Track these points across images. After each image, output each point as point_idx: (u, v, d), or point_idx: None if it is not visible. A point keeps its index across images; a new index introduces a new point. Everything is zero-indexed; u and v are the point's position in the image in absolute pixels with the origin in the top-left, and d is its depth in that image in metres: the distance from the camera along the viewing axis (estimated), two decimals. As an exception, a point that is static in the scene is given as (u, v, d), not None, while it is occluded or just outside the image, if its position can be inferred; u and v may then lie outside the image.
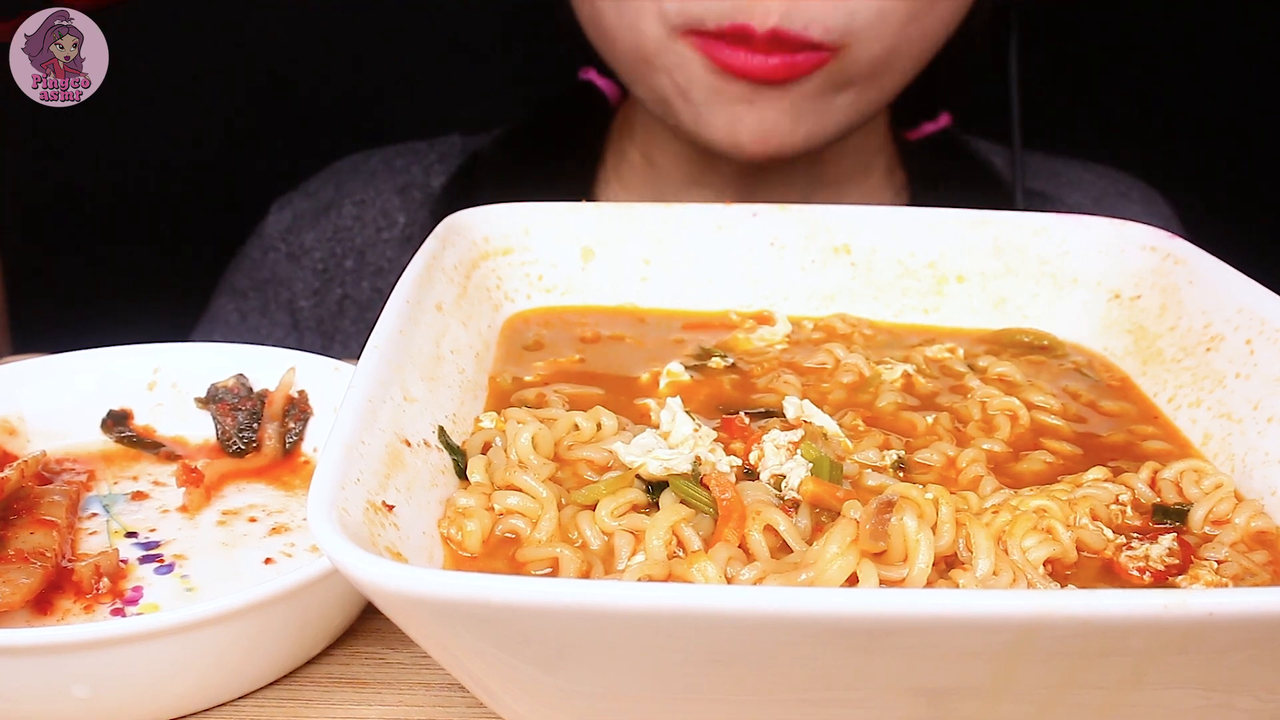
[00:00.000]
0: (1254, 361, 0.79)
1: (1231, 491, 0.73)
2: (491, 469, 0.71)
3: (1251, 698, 0.54)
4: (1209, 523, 0.71)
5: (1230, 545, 0.69)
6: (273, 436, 0.93)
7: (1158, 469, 0.75)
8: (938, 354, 0.90)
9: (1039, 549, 0.65)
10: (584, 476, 0.73)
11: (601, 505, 0.68)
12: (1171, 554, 0.67)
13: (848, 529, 0.63)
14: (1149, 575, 0.66)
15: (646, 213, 0.99)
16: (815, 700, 0.53)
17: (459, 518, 0.67)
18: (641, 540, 0.66)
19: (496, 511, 0.68)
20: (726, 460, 0.73)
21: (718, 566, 0.63)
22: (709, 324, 0.96)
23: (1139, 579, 0.66)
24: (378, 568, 0.50)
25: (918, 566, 0.63)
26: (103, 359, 0.97)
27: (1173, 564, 0.67)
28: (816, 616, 0.48)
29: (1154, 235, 0.93)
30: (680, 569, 0.63)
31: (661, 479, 0.70)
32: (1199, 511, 0.71)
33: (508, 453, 0.73)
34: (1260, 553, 0.69)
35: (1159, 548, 0.67)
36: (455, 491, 0.70)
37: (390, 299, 0.77)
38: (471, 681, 0.57)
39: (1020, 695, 0.53)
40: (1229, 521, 0.71)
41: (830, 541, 0.63)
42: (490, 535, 0.68)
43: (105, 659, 0.67)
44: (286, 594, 0.70)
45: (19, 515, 0.82)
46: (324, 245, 1.51)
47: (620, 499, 0.68)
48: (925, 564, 0.63)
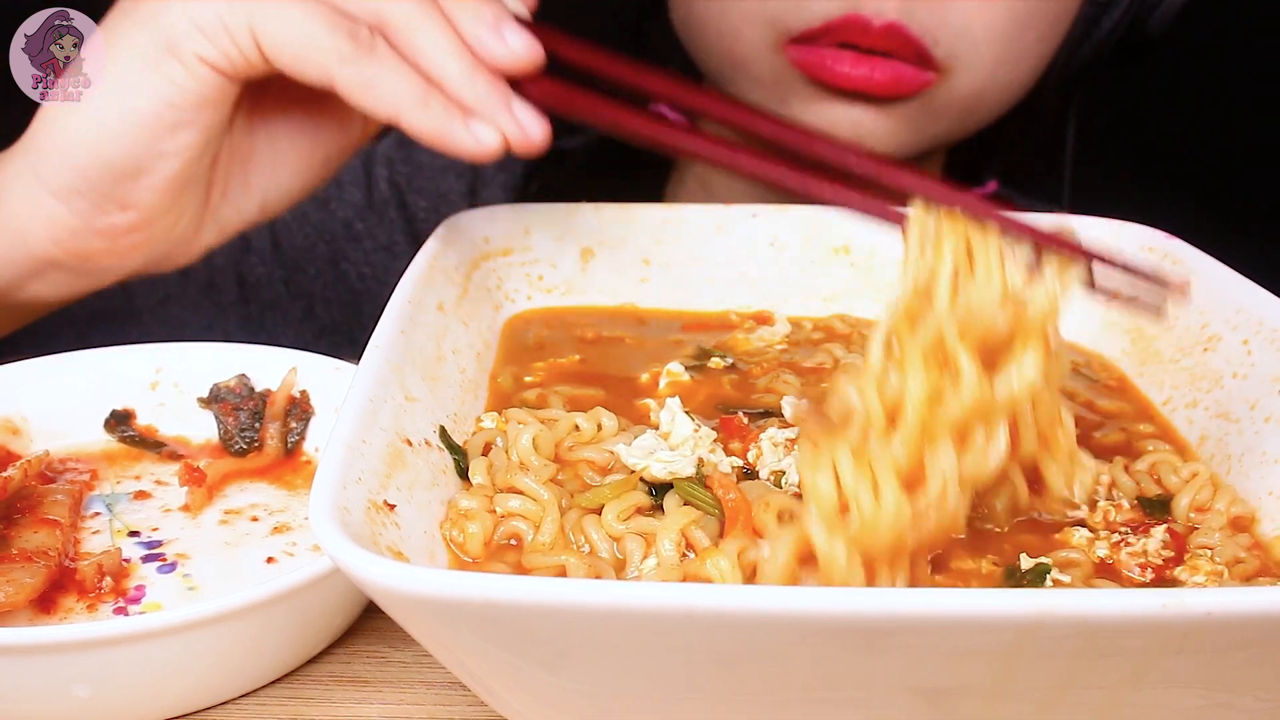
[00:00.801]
0: (1251, 362, 0.79)
1: (1209, 478, 0.74)
2: (493, 470, 0.71)
3: (1251, 697, 0.54)
4: (1193, 509, 0.72)
5: (1219, 530, 0.70)
6: (274, 436, 0.93)
7: (1128, 463, 0.76)
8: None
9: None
10: (585, 478, 0.73)
11: (607, 509, 0.68)
12: (1166, 546, 0.67)
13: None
14: (1150, 572, 0.67)
15: (646, 213, 0.99)
16: (815, 700, 0.53)
17: (461, 520, 0.67)
18: (652, 544, 0.66)
19: (498, 514, 0.68)
20: (727, 461, 0.73)
21: (730, 559, 0.63)
22: (709, 324, 0.96)
23: (1140, 577, 0.66)
24: (379, 567, 0.50)
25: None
26: (105, 359, 0.97)
27: (1168, 556, 0.67)
28: (816, 616, 0.48)
29: (1152, 235, 0.93)
30: (693, 568, 0.63)
31: (665, 481, 0.70)
32: (1183, 500, 0.72)
33: (509, 454, 0.73)
34: (1242, 536, 0.70)
35: (1154, 541, 0.68)
36: (457, 493, 0.70)
37: (391, 299, 0.77)
38: (473, 681, 0.58)
39: (1020, 695, 0.53)
40: (1211, 509, 0.72)
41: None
42: (491, 538, 0.68)
43: (107, 658, 0.67)
44: (288, 593, 0.70)
45: (22, 514, 0.82)
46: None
47: (626, 502, 0.68)
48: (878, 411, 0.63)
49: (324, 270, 1.47)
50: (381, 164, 1.48)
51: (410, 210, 1.47)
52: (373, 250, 1.46)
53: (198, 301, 1.43)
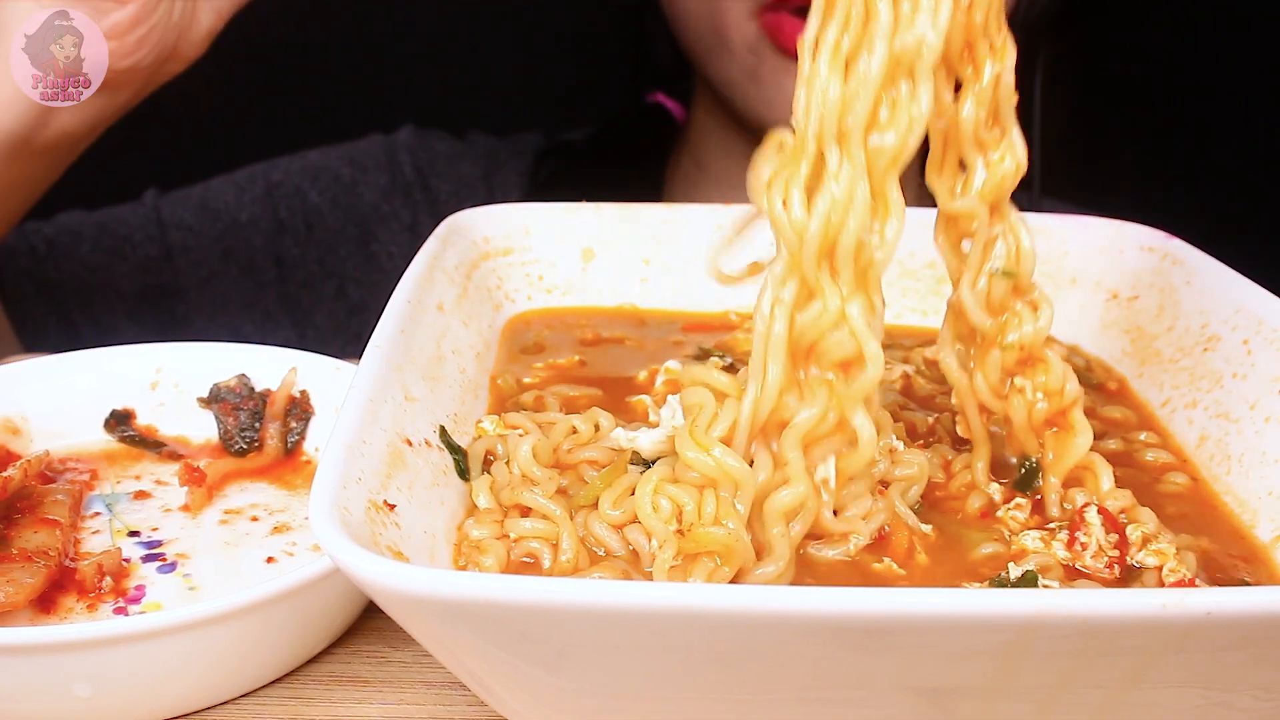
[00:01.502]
0: (1251, 362, 0.79)
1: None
2: (497, 489, 0.70)
3: (1250, 697, 0.54)
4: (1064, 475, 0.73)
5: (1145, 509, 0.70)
6: (274, 436, 0.93)
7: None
8: (937, 355, 0.91)
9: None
10: (586, 479, 0.72)
11: (602, 500, 0.68)
12: (1106, 530, 0.68)
13: None
14: (1117, 568, 0.67)
15: (646, 213, 0.99)
16: (815, 700, 0.53)
17: (473, 553, 0.66)
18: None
19: (511, 539, 0.67)
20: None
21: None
22: (709, 325, 0.96)
23: (1110, 575, 0.66)
24: (379, 567, 0.50)
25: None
26: (105, 358, 0.97)
27: (1114, 539, 0.67)
28: (816, 616, 0.48)
29: (1152, 235, 0.93)
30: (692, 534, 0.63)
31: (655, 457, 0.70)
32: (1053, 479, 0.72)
33: (510, 467, 0.72)
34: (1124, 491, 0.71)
35: (1096, 529, 0.67)
36: (468, 523, 0.68)
37: (391, 299, 0.77)
38: (472, 680, 0.58)
39: (1020, 695, 0.53)
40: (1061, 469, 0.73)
41: None
42: (508, 564, 0.66)
43: (108, 658, 0.67)
44: (288, 593, 0.70)
45: (22, 514, 0.82)
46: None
47: (617, 489, 0.68)
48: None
49: (354, 251, 1.54)
50: (403, 150, 1.55)
51: (433, 193, 1.54)
52: (399, 231, 1.53)
53: (238, 280, 1.51)
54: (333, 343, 1.44)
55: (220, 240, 1.49)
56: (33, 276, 1.43)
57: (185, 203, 1.51)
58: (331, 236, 1.54)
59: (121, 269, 1.46)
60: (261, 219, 1.50)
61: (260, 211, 1.51)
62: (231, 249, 1.48)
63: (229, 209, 1.50)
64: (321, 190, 1.53)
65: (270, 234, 1.51)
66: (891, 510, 0.68)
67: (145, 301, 1.43)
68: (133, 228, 1.48)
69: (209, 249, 1.48)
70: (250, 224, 1.50)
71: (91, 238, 1.46)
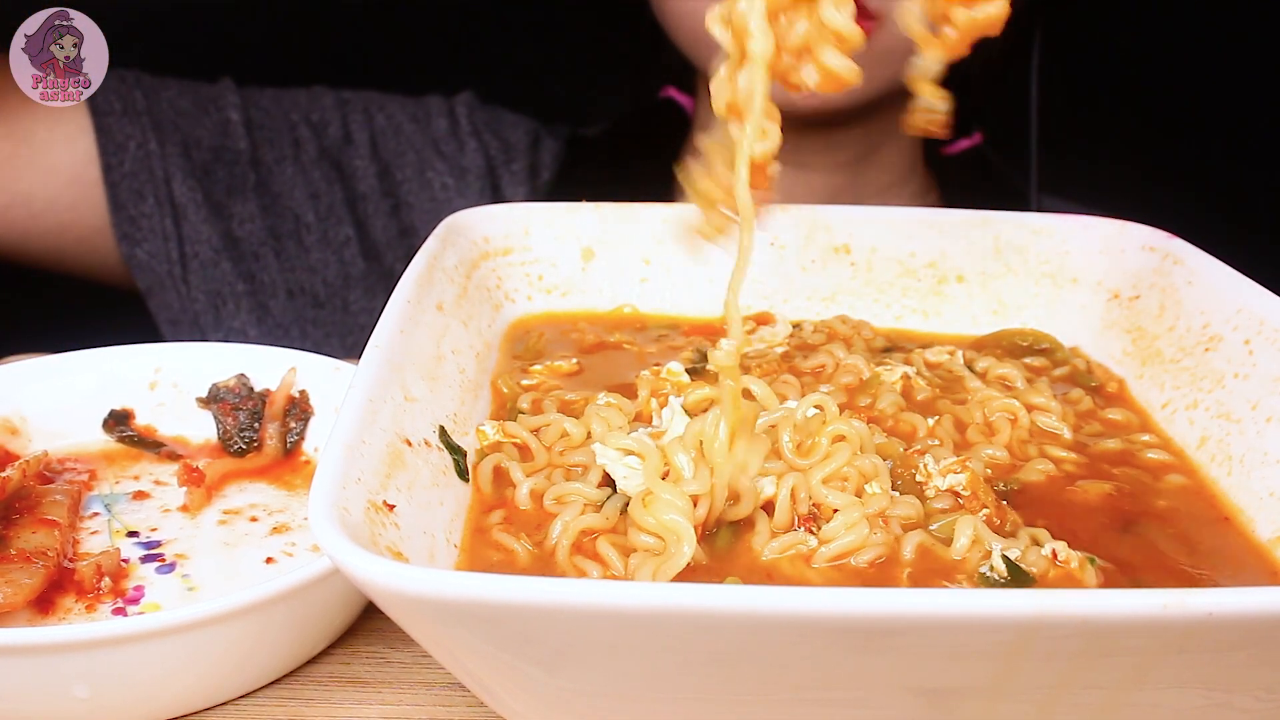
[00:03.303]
0: (1253, 362, 0.79)
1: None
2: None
3: (1251, 697, 0.54)
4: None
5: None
6: (274, 436, 0.93)
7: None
8: (937, 356, 0.91)
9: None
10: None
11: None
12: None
13: None
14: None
15: (646, 213, 0.99)
16: (815, 700, 0.53)
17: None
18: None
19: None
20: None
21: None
22: (709, 326, 0.96)
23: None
24: (378, 567, 0.50)
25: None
26: (104, 359, 0.97)
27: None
28: (816, 616, 0.48)
29: (1153, 235, 0.93)
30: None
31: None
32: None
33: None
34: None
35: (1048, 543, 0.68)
36: None
37: (391, 299, 0.77)
38: (471, 681, 0.58)
39: (1020, 695, 0.53)
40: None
41: None
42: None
43: (106, 658, 0.67)
44: (287, 593, 0.70)
45: (21, 515, 0.82)
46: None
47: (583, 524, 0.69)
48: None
49: (410, 177, 1.62)
50: (462, 105, 1.65)
51: (487, 148, 1.62)
52: (454, 169, 1.62)
53: (307, 170, 1.59)
54: (386, 256, 1.56)
55: (292, 130, 1.57)
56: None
57: (261, 93, 1.59)
58: (393, 156, 1.63)
59: (205, 124, 1.53)
60: (330, 124, 1.60)
61: (330, 116, 1.60)
62: (302, 139, 1.57)
63: (301, 106, 1.59)
64: (388, 116, 1.63)
65: (337, 141, 1.60)
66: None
67: (220, 162, 1.52)
68: (213, 96, 1.56)
69: (284, 134, 1.56)
70: (320, 126, 1.59)
71: (176, 87, 1.53)
